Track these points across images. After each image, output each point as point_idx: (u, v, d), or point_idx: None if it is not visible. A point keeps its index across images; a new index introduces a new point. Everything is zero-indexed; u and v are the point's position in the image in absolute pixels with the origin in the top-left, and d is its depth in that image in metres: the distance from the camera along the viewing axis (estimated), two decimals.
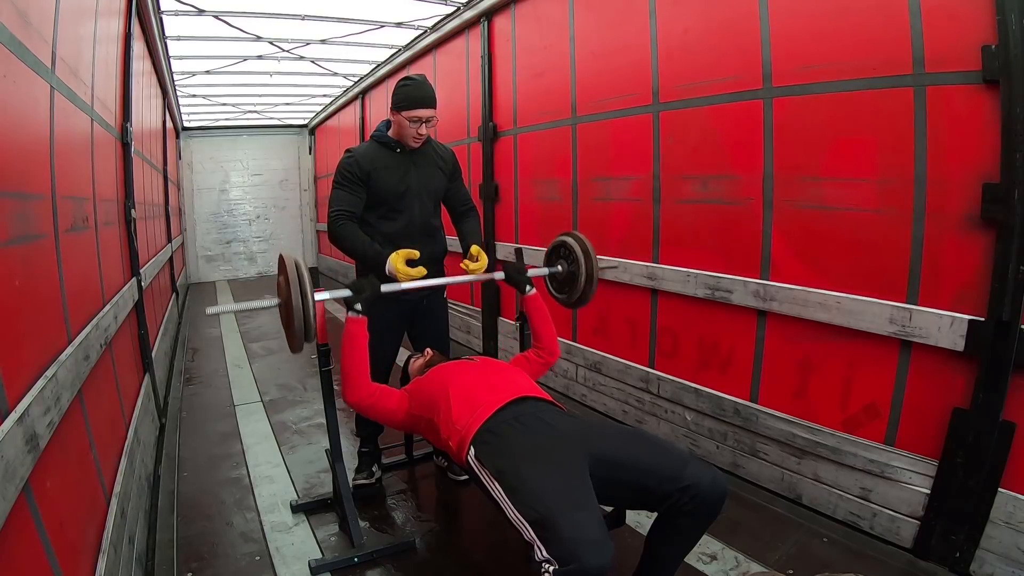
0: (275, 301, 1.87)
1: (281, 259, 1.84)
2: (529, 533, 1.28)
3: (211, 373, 4.30)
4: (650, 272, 2.82)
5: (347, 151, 2.24)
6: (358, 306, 1.87)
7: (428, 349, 2.22)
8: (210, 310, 1.80)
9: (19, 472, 0.96)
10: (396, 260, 2.02)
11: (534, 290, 2.14)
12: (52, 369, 1.24)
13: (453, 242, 2.42)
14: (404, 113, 2.14)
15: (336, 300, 1.93)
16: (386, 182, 2.21)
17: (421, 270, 2.03)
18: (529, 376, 1.93)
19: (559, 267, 2.26)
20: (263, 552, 2.05)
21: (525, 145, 3.82)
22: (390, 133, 2.24)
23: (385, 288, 1.94)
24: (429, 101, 2.15)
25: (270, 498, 2.41)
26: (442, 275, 2.46)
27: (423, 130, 2.17)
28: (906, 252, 1.88)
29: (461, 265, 2.20)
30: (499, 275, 2.16)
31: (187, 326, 5.98)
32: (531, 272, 2.17)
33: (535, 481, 1.36)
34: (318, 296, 1.81)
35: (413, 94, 2.14)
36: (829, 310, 2.08)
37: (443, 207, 2.44)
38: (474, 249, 2.21)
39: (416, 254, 2.03)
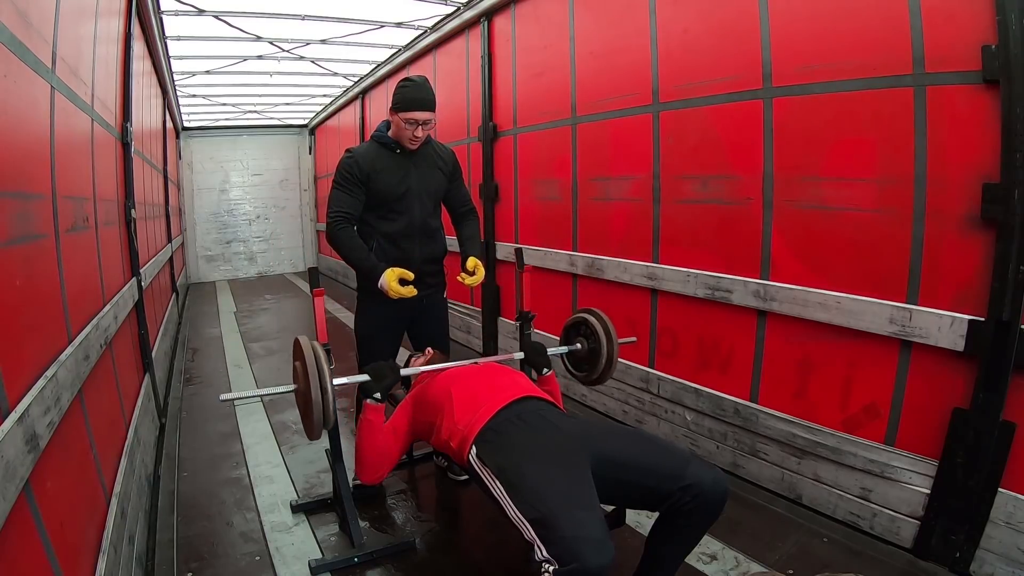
0: (292, 387, 1.85)
1: (297, 344, 1.81)
2: (529, 532, 1.28)
3: (211, 373, 4.30)
4: (650, 272, 2.82)
5: (347, 151, 2.24)
6: (377, 395, 1.85)
7: (429, 349, 2.22)
8: (223, 397, 1.78)
9: (19, 472, 0.96)
10: (390, 277, 2.03)
11: (551, 371, 2.12)
12: (52, 369, 1.24)
13: (452, 241, 2.42)
14: (401, 115, 2.13)
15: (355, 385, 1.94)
16: (386, 183, 2.20)
17: (412, 290, 2.06)
18: None
19: (578, 345, 2.25)
20: (263, 552, 2.05)
21: (525, 145, 3.82)
22: (390, 133, 2.24)
23: (405, 372, 1.95)
24: (427, 104, 2.14)
25: (270, 498, 2.41)
26: (442, 275, 2.47)
27: (419, 132, 2.16)
28: (906, 252, 1.88)
29: (458, 278, 2.21)
30: (519, 355, 2.15)
31: (187, 326, 5.98)
32: (551, 351, 2.17)
33: (536, 479, 1.36)
34: (336, 381, 1.79)
35: (411, 96, 2.13)
36: (829, 310, 2.08)
37: (443, 207, 2.44)
38: (471, 263, 2.22)
39: (411, 275, 2.04)
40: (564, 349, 2.28)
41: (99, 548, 1.47)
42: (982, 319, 1.70)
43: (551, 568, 1.19)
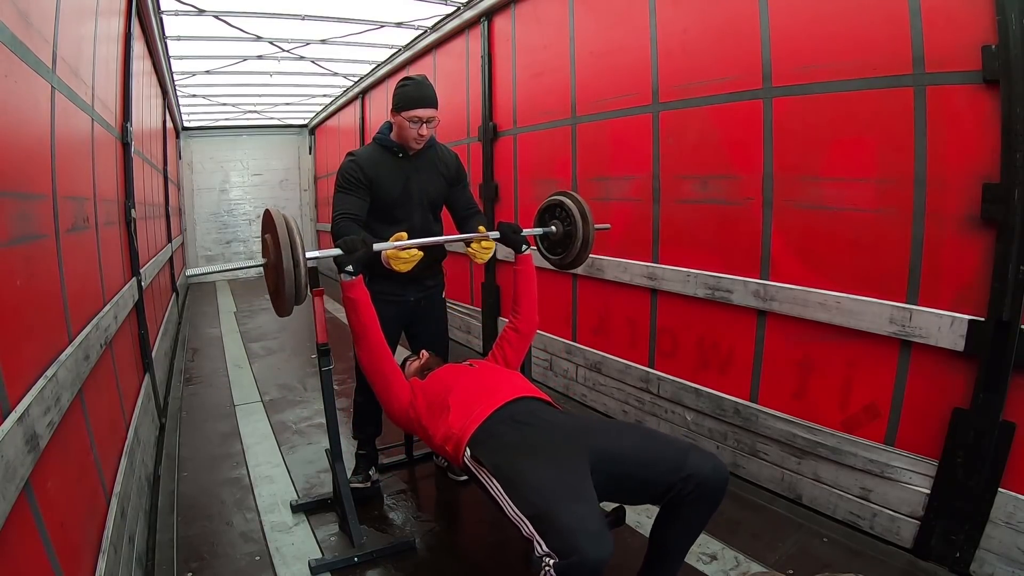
0: (261, 261, 1.74)
1: (267, 215, 1.69)
2: (528, 528, 1.28)
3: (211, 373, 4.30)
4: (650, 272, 2.82)
5: (349, 154, 2.22)
6: (350, 268, 1.76)
7: (424, 352, 2.20)
8: (190, 271, 1.71)
9: (19, 472, 0.96)
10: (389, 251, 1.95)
11: (529, 249, 2.10)
12: (52, 369, 1.25)
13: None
14: (404, 114, 2.11)
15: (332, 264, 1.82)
16: (387, 190, 2.19)
17: (416, 253, 1.92)
18: (514, 362, 1.92)
19: (553, 227, 2.23)
20: (263, 552, 2.05)
21: (525, 145, 3.82)
22: (392, 136, 2.21)
23: (377, 246, 1.85)
24: (429, 101, 2.11)
25: (270, 498, 2.41)
26: (440, 276, 2.47)
27: (424, 131, 2.13)
28: (906, 252, 1.88)
29: (468, 250, 2.15)
30: (494, 234, 2.12)
31: (187, 326, 5.98)
32: (525, 231, 2.15)
33: (533, 476, 1.36)
34: (309, 255, 1.69)
35: (412, 94, 2.11)
36: (829, 310, 2.08)
37: (445, 210, 2.41)
38: (481, 228, 2.16)
39: (404, 234, 1.95)
40: (539, 231, 2.26)
41: (99, 548, 1.47)
42: (982, 319, 1.71)
43: (551, 562, 1.19)
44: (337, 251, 1.78)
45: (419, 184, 2.25)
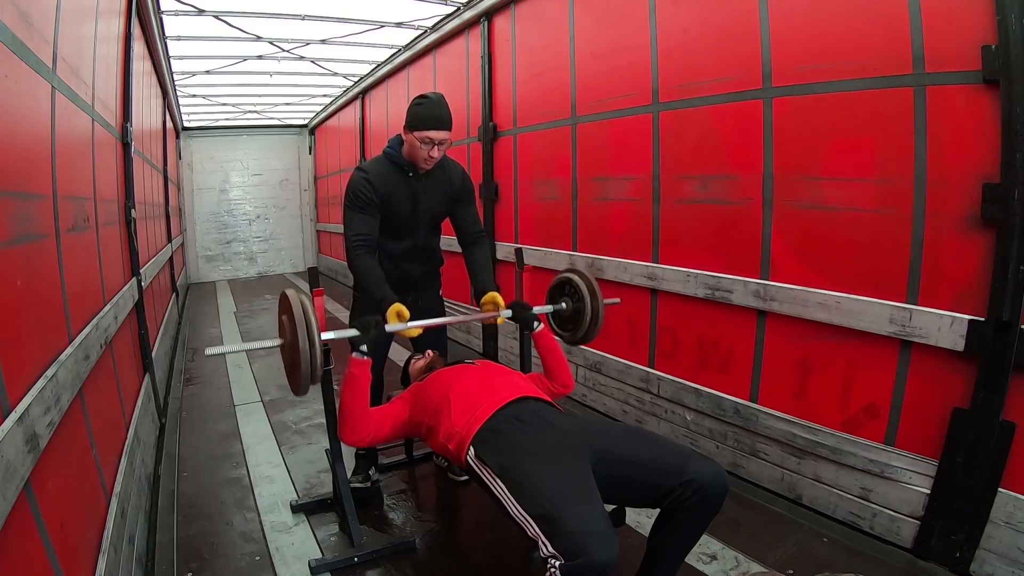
0: (278, 341, 1.83)
1: (284, 297, 1.77)
2: (533, 529, 1.28)
3: (211, 373, 4.30)
4: (650, 272, 2.82)
5: (359, 169, 2.19)
6: (363, 347, 1.84)
7: (429, 351, 2.21)
8: (210, 351, 1.75)
9: (19, 472, 0.96)
10: (391, 314, 1.99)
11: (542, 326, 2.11)
12: (52, 369, 1.25)
13: (450, 241, 2.42)
14: (416, 133, 2.06)
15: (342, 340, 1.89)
16: (397, 212, 2.19)
17: (416, 331, 2.01)
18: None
19: (563, 304, 2.26)
20: (263, 552, 2.05)
21: (525, 145, 3.82)
22: (403, 152, 2.17)
23: (389, 328, 1.92)
24: (443, 123, 2.06)
25: (270, 498, 2.41)
26: (438, 279, 2.47)
27: (435, 152, 2.09)
28: (906, 252, 1.88)
29: (483, 317, 2.18)
30: (506, 313, 2.14)
31: (187, 326, 5.98)
32: (536, 309, 2.16)
33: (538, 476, 1.36)
34: (324, 336, 1.76)
35: (426, 113, 2.05)
36: (829, 310, 2.08)
37: (448, 219, 2.39)
38: (488, 296, 2.18)
39: (407, 314, 2.00)
40: (549, 308, 2.29)
41: (99, 548, 1.47)
42: (982, 319, 1.71)
43: (557, 563, 1.20)
44: (353, 332, 1.86)
45: (426, 204, 2.24)
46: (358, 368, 1.82)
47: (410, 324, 1.96)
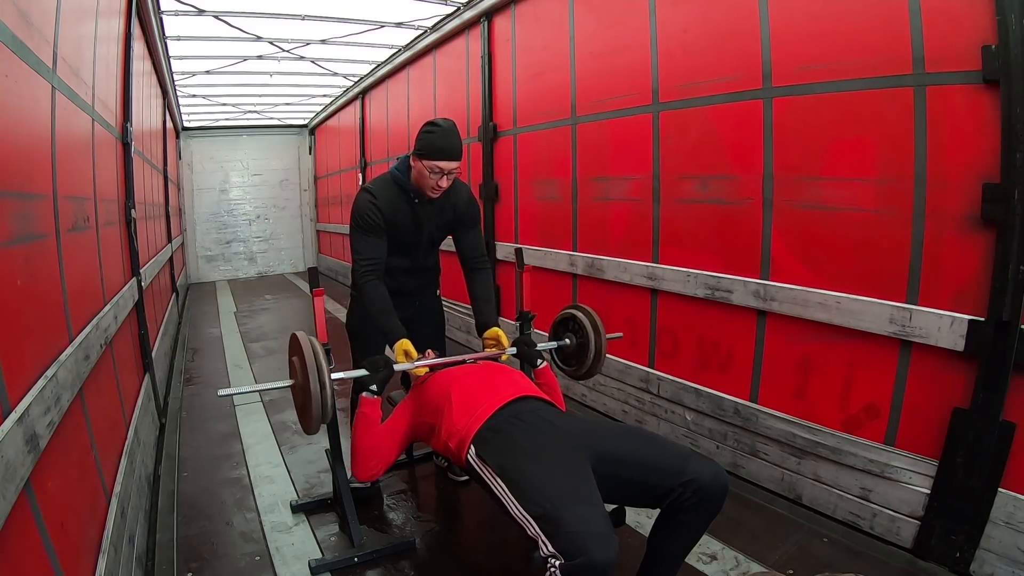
0: (289, 382, 1.85)
1: (294, 339, 1.80)
2: (533, 528, 1.28)
3: (211, 373, 4.30)
4: (650, 272, 2.82)
5: (366, 190, 2.16)
6: (373, 387, 1.85)
7: (430, 351, 2.21)
8: (222, 392, 1.77)
9: (19, 472, 0.96)
10: (398, 351, 1.98)
11: (545, 363, 2.12)
12: (52, 369, 1.25)
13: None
14: (425, 162, 2.02)
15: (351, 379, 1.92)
16: (401, 236, 2.18)
17: (423, 370, 1.97)
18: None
19: (567, 340, 2.26)
20: (263, 552, 2.05)
21: (525, 145, 3.82)
22: (411, 178, 2.12)
23: (398, 367, 1.93)
24: (453, 153, 2.03)
25: (270, 498, 2.41)
26: (437, 279, 2.47)
27: (444, 183, 2.07)
28: (906, 252, 1.88)
29: (485, 346, 2.17)
30: (511, 350, 2.15)
31: (187, 326, 5.98)
32: (540, 346, 2.17)
33: (539, 476, 1.36)
34: (334, 376, 1.78)
35: (437, 143, 2.01)
36: (829, 310, 2.08)
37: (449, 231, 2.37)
38: (491, 333, 2.16)
39: (415, 354, 1.98)
40: (553, 344, 2.29)
41: (99, 548, 1.47)
42: (982, 319, 1.71)
43: (557, 563, 1.20)
44: (363, 372, 1.87)
45: (429, 229, 2.24)
46: (369, 408, 1.84)
47: (417, 363, 1.96)
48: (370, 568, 1.96)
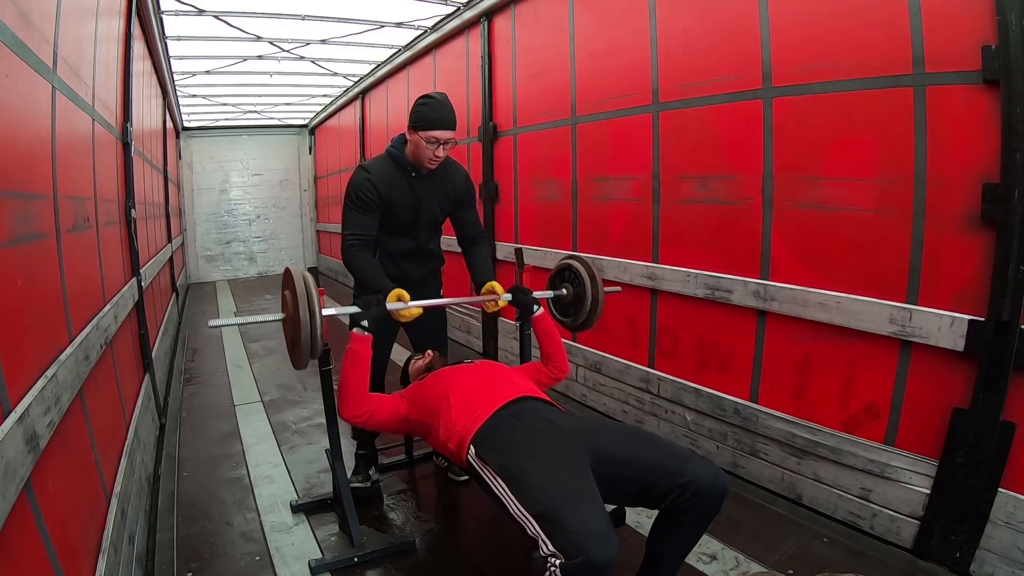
0: (280, 315, 1.85)
1: (287, 273, 1.79)
2: (533, 527, 1.28)
3: (211, 373, 4.30)
4: (650, 272, 2.82)
5: (362, 168, 2.18)
6: (364, 323, 1.85)
7: (429, 351, 2.22)
8: (212, 323, 1.76)
9: (19, 472, 0.96)
10: (391, 298, 1.97)
11: (541, 309, 2.13)
12: (52, 369, 1.24)
13: (450, 241, 2.42)
14: (421, 133, 2.06)
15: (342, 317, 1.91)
16: (399, 214, 2.19)
17: (416, 311, 1.99)
18: (533, 382, 1.93)
19: (564, 290, 2.27)
20: (263, 552, 2.05)
21: (525, 145, 3.82)
22: (407, 152, 2.16)
23: (390, 306, 1.93)
24: (448, 122, 2.06)
25: (270, 498, 2.41)
26: (439, 279, 2.48)
27: (440, 152, 2.09)
28: (906, 252, 1.88)
29: (482, 301, 2.18)
30: (506, 297, 2.15)
31: (187, 326, 5.98)
32: (536, 294, 2.17)
33: (538, 475, 1.36)
34: (325, 311, 1.78)
35: (431, 114, 2.05)
36: (829, 310, 2.08)
37: (449, 220, 2.40)
38: (487, 286, 2.18)
39: (407, 296, 1.99)
40: (550, 294, 2.30)
41: (99, 548, 1.47)
42: (982, 319, 1.71)
43: (557, 561, 1.20)
44: (355, 309, 1.88)
45: (428, 206, 2.24)
46: (359, 344, 1.83)
47: (411, 304, 1.96)
48: (370, 568, 1.96)
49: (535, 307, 2.12)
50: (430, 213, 2.26)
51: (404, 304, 1.96)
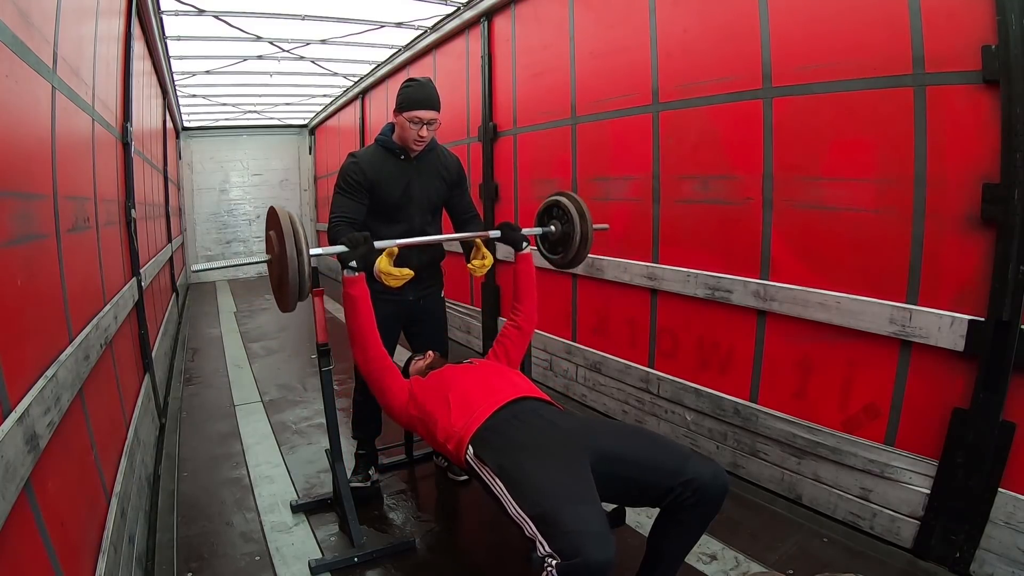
0: (265, 257, 1.78)
1: (272, 212, 1.72)
2: (531, 528, 1.28)
3: (211, 373, 4.30)
4: (650, 272, 2.82)
5: (351, 155, 2.22)
6: (353, 263, 1.79)
7: (429, 352, 2.21)
8: (195, 267, 1.73)
9: (19, 472, 0.96)
10: (381, 261, 1.92)
11: (529, 248, 2.12)
12: (52, 369, 1.24)
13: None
14: (405, 114, 2.12)
15: (330, 257, 1.84)
16: (388, 192, 2.20)
17: (407, 272, 1.90)
18: (515, 359, 1.93)
19: (552, 227, 2.25)
20: (263, 552, 2.05)
21: (525, 145, 3.82)
22: (394, 137, 2.22)
23: (379, 244, 1.86)
24: (430, 103, 2.13)
25: (270, 498, 2.41)
26: (439, 276, 2.47)
27: (424, 132, 2.14)
28: (906, 252, 1.88)
29: (469, 266, 2.16)
30: (495, 233, 2.13)
31: (187, 326, 5.98)
32: (525, 231, 2.16)
33: (537, 476, 1.36)
34: (312, 251, 1.70)
35: (414, 95, 2.12)
36: (829, 310, 2.08)
37: (445, 212, 2.42)
38: (477, 241, 2.16)
39: (396, 250, 1.92)
40: (539, 230, 2.28)
41: (99, 548, 1.47)
42: (982, 319, 1.71)
43: (554, 563, 1.20)
44: (341, 248, 1.80)
45: (420, 187, 2.25)
46: (353, 288, 1.79)
47: (397, 241, 1.91)
48: (370, 568, 1.96)
49: (523, 244, 2.11)
50: (424, 194, 2.26)
51: (391, 242, 1.88)
